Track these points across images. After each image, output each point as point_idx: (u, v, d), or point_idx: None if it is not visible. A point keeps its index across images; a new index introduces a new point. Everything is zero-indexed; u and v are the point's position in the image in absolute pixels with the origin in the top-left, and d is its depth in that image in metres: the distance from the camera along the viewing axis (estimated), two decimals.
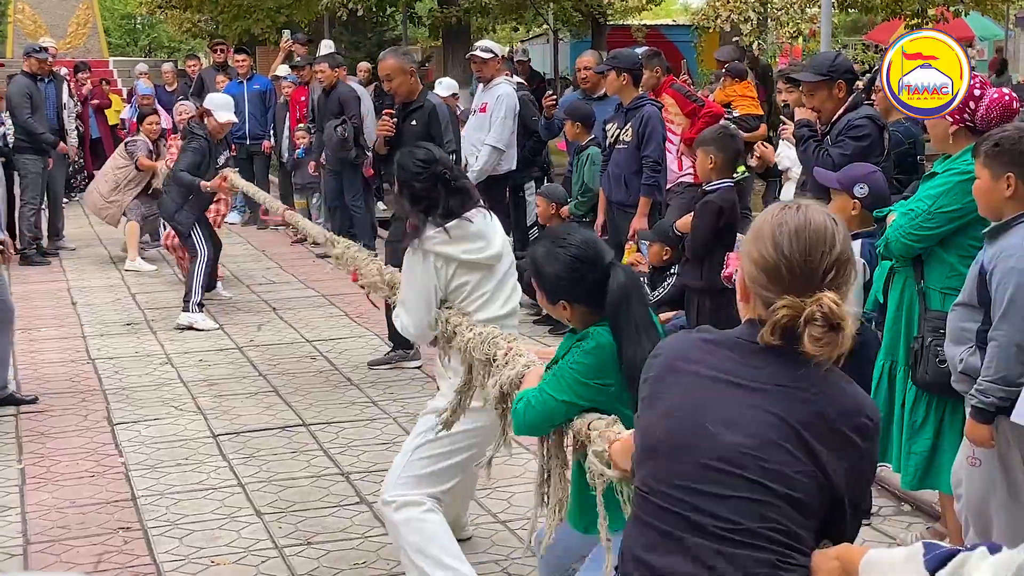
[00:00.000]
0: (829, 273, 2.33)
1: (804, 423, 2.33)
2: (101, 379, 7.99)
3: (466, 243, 4.46)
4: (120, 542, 5.34)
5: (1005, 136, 4.11)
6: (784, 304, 2.31)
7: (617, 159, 8.22)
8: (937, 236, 4.63)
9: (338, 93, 12.06)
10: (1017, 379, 4.10)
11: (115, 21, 40.90)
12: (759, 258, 2.38)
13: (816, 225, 2.35)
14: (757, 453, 2.31)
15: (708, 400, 2.38)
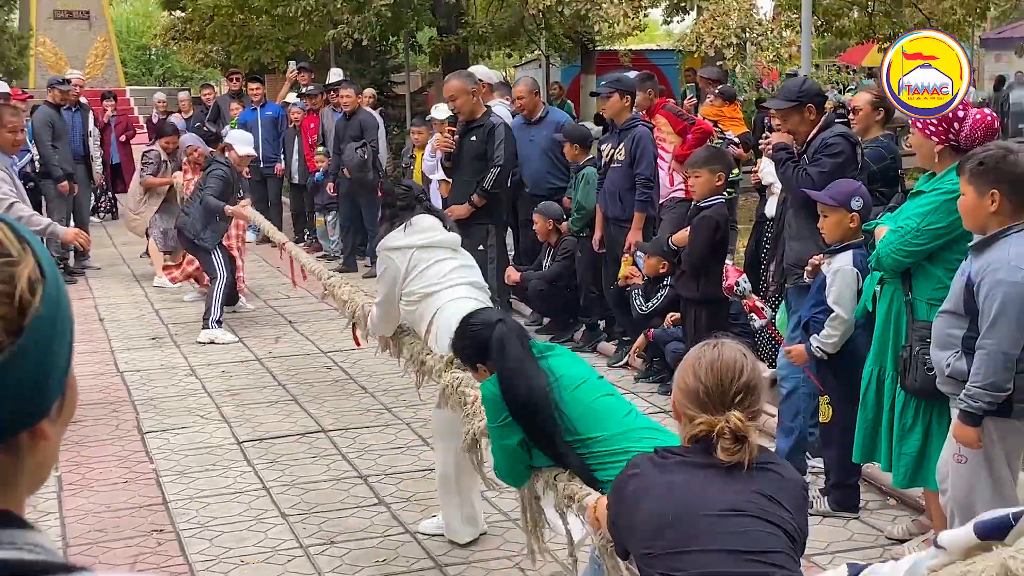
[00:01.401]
0: (738, 396, 2.70)
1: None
2: (130, 390, 8.00)
3: (422, 233, 5.09)
4: (154, 544, 5.35)
5: (989, 155, 4.13)
6: (701, 421, 2.70)
7: (612, 177, 8.26)
8: (926, 252, 4.66)
9: (359, 118, 12.22)
10: (1004, 385, 4.13)
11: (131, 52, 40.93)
12: (684, 386, 2.78)
13: (726, 359, 2.74)
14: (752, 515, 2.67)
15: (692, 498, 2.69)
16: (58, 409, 1.20)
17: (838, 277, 5.24)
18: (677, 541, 2.66)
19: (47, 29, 29.81)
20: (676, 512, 2.67)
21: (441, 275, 5.03)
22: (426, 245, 5.07)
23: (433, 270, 5.04)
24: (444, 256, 5.10)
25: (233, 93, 15.42)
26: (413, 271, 5.04)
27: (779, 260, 6.09)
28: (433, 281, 5.01)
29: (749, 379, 2.73)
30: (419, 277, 5.03)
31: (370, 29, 15.79)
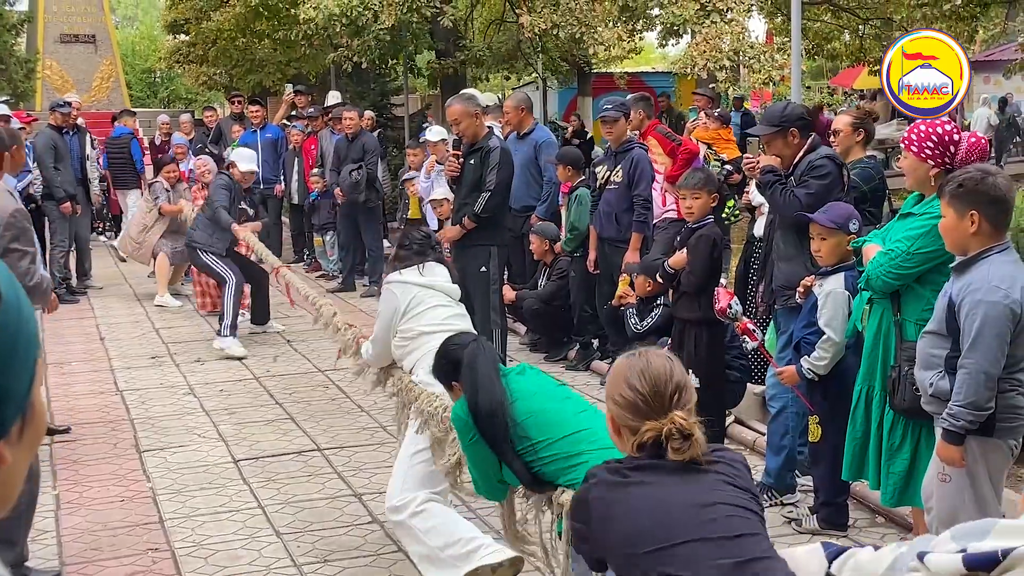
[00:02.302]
0: (674, 396, 2.73)
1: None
2: (129, 409, 7.97)
3: (427, 277, 5.24)
4: (149, 562, 5.32)
5: (968, 177, 4.13)
6: (647, 428, 2.70)
7: (608, 198, 8.25)
8: (915, 275, 4.65)
9: (362, 140, 12.25)
10: (985, 404, 4.12)
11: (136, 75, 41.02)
12: (620, 399, 2.77)
13: (655, 365, 2.77)
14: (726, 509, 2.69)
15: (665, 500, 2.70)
16: (18, 432, 1.16)
17: (830, 300, 5.23)
18: (661, 541, 2.65)
19: (53, 52, 29.83)
20: (652, 521, 2.67)
21: (438, 320, 5.13)
22: (428, 286, 5.21)
23: (431, 314, 5.16)
24: (444, 302, 5.23)
25: (235, 115, 15.45)
26: (413, 309, 5.15)
27: (768, 281, 6.08)
28: (429, 323, 5.12)
29: (680, 379, 2.77)
30: (417, 317, 5.15)
31: (370, 53, 15.82)
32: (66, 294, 12.30)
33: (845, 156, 6.47)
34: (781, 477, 5.94)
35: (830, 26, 19.06)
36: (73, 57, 30.32)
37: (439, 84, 19.15)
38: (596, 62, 23.87)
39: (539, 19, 13.34)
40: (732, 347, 6.69)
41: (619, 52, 13.89)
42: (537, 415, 3.87)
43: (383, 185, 12.79)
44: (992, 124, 26.20)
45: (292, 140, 14.18)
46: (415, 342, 5.13)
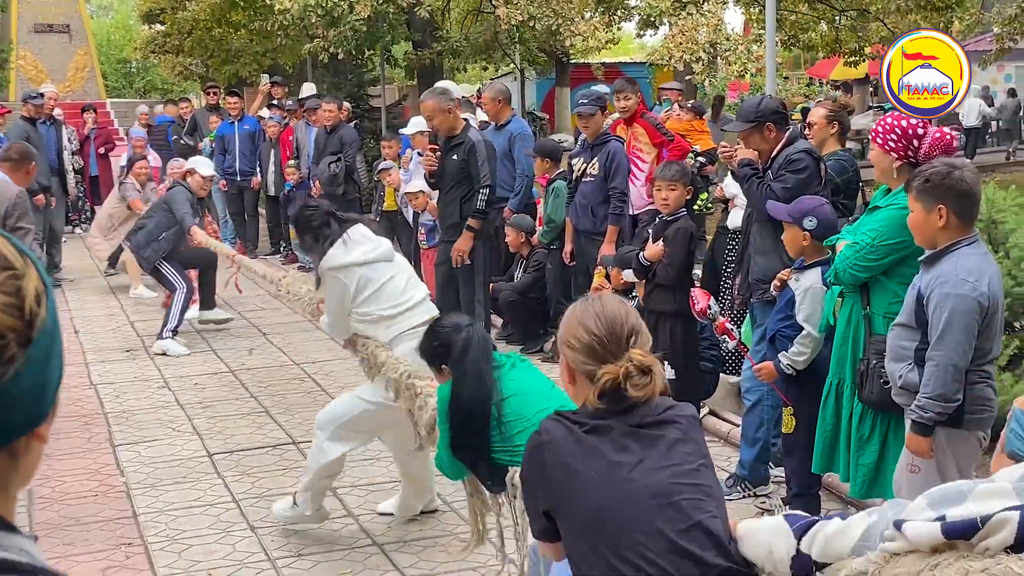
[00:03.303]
0: (631, 337, 2.70)
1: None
2: (103, 403, 7.94)
3: (361, 247, 5.20)
4: (123, 557, 5.31)
5: (934, 172, 4.15)
6: (605, 372, 2.64)
7: (584, 191, 8.26)
8: (881, 267, 4.67)
9: (340, 133, 12.22)
10: (954, 396, 4.16)
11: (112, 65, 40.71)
12: (576, 343, 2.73)
13: (610, 307, 2.75)
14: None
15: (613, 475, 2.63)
16: (53, 414, 1.25)
17: (808, 296, 5.25)
18: (617, 529, 2.59)
19: (27, 42, 29.57)
20: (610, 501, 2.60)
21: (396, 296, 5.21)
22: (370, 262, 5.20)
23: (388, 290, 5.21)
24: (392, 272, 5.26)
25: (210, 106, 15.38)
26: (363, 291, 5.19)
27: (744, 275, 6.11)
28: (389, 303, 5.19)
29: (635, 322, 2.74)
30: (371, 299, 5.20)
31: (346, 43, 15.77)
32: None
33: (820, 148, 6.50)
34: (755, 469, 5.97)
35: (806, 17, 19.09)
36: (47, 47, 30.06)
37: (416, 75, 19.11)
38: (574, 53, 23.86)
39: (515, 11, 13.33)
40: (703, 338, 6.72)
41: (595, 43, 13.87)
42: (526, 421, 3.80)
43: (361, 177, 12.77)
44: (983, 114, 26.39)
45: (269, 132, 14.14)
46: (377, 326, 5.19)
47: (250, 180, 14.27)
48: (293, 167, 13.18)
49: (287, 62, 20.80)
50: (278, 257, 14.22)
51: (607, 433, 2.66)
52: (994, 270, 4.26)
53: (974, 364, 4.20)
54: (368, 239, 5.30)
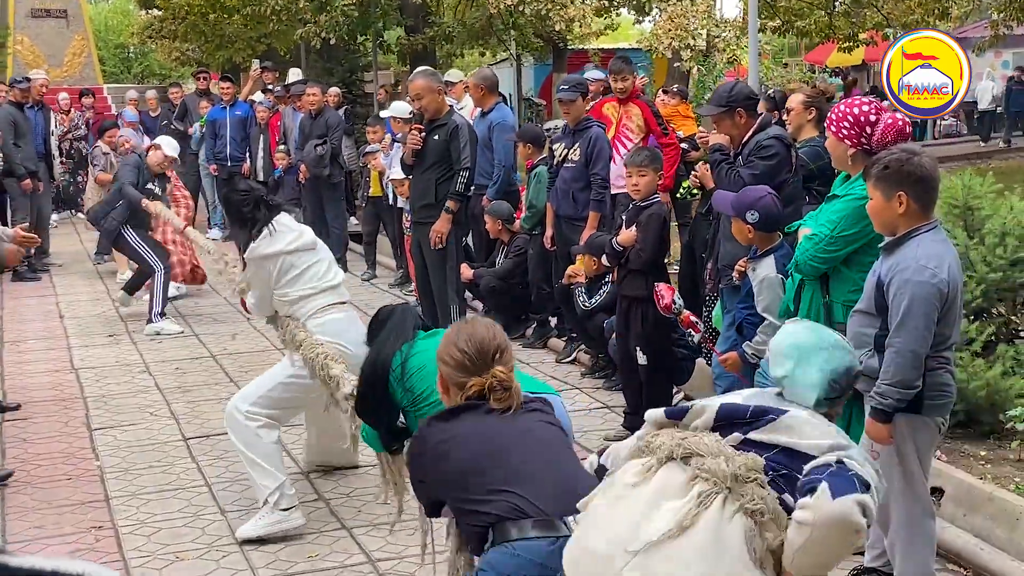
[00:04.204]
0: (496, 355, 3.28)
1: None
2: (83, 387, 7.97)
3: (285, 237, 5.49)
4: (92, 540, 5.34)
5: (893, 158, 4.15)
6: (473, 383, 3.25)
7: (565, 176, 8.24)
8: (840, 258, 4.67)
9: (325, 117, 12.25)
10: (913, 382, 4.15)
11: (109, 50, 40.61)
12: (450, 359, 3.32)
13: (479, 330, 3.34)
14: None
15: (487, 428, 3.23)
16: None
17: (765, 286, 5.26)
18: (491, 461, 3.14)
19: (24, 27, 29.54)
20: (481, 445, 3.17)
21: (315, 279, 5.55)
22: (295, 250, 5.52)
23: (307, 274, 5.54)
24: (314, 259, 5.59)
25: (201, 92, 15.38)
26: (285, 275, 5.52)
27: (715, 260, 6.12)
28: (308, 285, 5.53)
29: (501, 342, 3.33)
30: (291, 282, 5.52)
31: (338, 28, 15.76)
32: (28, 272, 12.27)
33: (797, 134, 6.50)
34: None
35: (801, 3, 19.04)
36: (45, 32, 30.03)
37: (409, 60, 19.09)
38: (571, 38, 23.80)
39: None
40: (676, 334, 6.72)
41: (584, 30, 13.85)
42: (427, 367, 3.96)
43: (347, 161, 12.78)
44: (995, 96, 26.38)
45: (259, 117, 14.14)
46: (295, 305, 5.52)
47: (240, 166, 14.27)
48: (283, 152, 13.18)
49: (281, 47, 20.75)
50: None
51: (477, 409, 3.24)
52: (953, 256, 4.25)
53: (933, 350, 4.20)
54: (292, 228, 5.59)
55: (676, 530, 2.66)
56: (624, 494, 2.81)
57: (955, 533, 4.97)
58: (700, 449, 2.77)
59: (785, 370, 3.05)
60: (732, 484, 2.69)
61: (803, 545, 2.64)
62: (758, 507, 2.68)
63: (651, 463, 2.82)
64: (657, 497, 2.75)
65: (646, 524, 2.70)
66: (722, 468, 2.70)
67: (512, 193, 9.62)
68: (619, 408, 7.03)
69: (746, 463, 2.73)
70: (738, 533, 2.66)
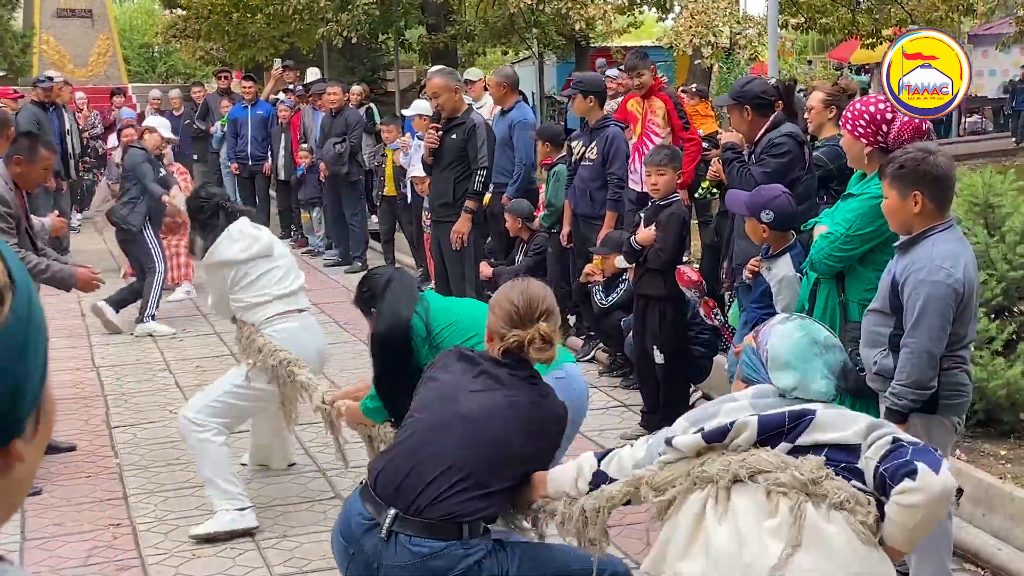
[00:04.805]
0: (542, 315, 3.46)
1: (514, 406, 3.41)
2: (103, 385, 8.02)
3: (239, 243, 5.53)
4: (110, 538, 5.37)
5: (909, 157, 4.13)
6: (513, 335, 3.43)
7: (582, 174, 8.25)
8: (855, 256, 4.65)
9: (345, 115, 12.30)
10: (928, 383, 4.13)
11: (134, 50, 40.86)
12: (499, 309, 3.50)
13: (533, 289, 3.53)
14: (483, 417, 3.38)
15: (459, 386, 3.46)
16: (33, 428, 1.09)
17: (784, 285, 5.24)
18: (417, 424, 3.45)
19: (50, 27, 29.74)
20: (436, 403, 3.46)
21: (269, 286, 5.58)
22: (249, 258, 5.57)
23: (261, 281, 5.58)
24: (268, 266, 5.61)
25: (222, 91, 15.45)
26: (241, 281, 5.57)
27: (730, 259, 6.10)
28: (260, 292, 5.57)
29: (550, 304, 3.50)
30: (247, 287, 5.58)
31: (359, 27, 15.80)
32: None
33: (818, 133, 6.46)
34: None
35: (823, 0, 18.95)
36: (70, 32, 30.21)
37: (430, 59, 19.13)
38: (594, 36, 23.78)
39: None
40: (695, 323, 6.71)
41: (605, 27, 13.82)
42: (459, 321, 4.19)
43: (366, 159, 12.82)
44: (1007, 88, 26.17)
45: (281, 116, 14.19)
46: (249, 312, 5.58)
47: (261, 165, 14.33)
48: (306, 151, 13.24)
49: (303, 46, 20.85)
50: (288, 241, 14.27)
51: (476, 365, 3.46)
52: (969, 255, 4.23)
53: (949, 350, 4.18)
54: (247, 236, 5.60)
55: (791, 549, 2.71)
56: (700, 527, 2.84)
57: (973, 533, 4.94)
58: (764, 466, 2.79)
59: (793, 380, 3.05)
60: (809, 488, 2.75)
61: (917, 524, 2.73)
62: (843, 498, 2.74)
63: (713, 491, 2.83)
64: (747, 522, 2.78)
65: (755, 552, 2.73)
66: (796, 477, 2.75)
67: (532, 191, 9.62)
68: (636, 407, 7.02)
69: (811, 467, 2.77)
70: (841, 526, 2.74)
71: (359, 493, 3.46)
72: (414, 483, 3.31)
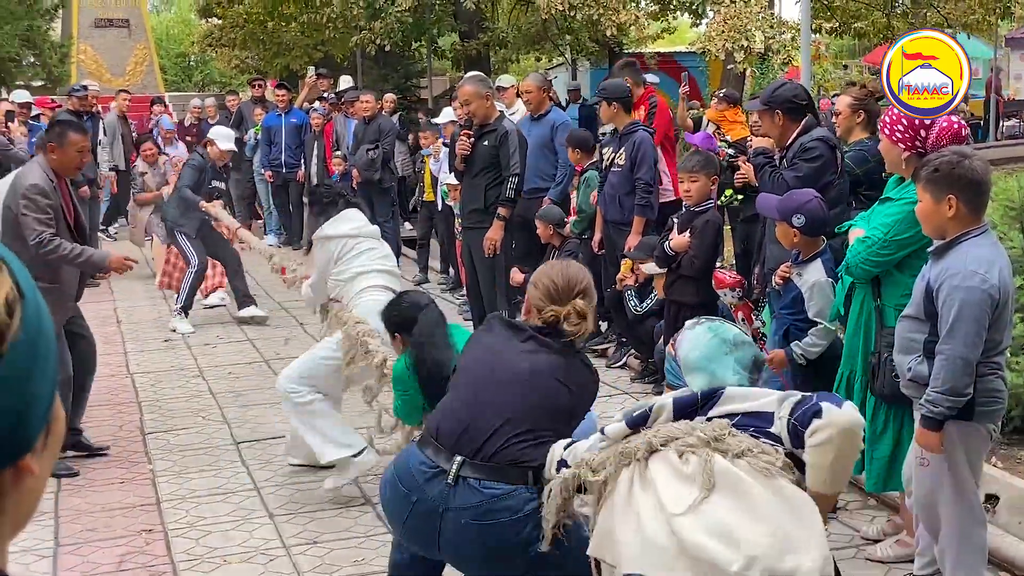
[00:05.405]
0: (579, 294, 3.70)
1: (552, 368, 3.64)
2: (137, 392, 8.07)
3: (351, 223, 6.06)
4: (142, 543, 5.39)
5: (943, 161, 4.08)
6: (550, 309, 3.67)
7: (612, 180, 8.22)
8: (893, 262, 4.60)
9: (378, 122, 12.35)
10: (964, 390, 4.07)
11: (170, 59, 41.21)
12: (540, 285, 3.74)
13: (573, 268, 3.79)
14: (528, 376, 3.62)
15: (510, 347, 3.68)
16: (43, 442, 1.08)
17: (815, 291, 5.18)
18: (465, 381, 3.70)
19: (88, 37, 30.06)
20: (480, 359, 3.72)
21: (371, 262, 6.01)
22: (355, 235, 6.04)
23: (363, 257, 6.01)
24: (371, 245, 6.08)
25: (256, 99, 15.55)
26: (345, 255, 5.98)
27: (762, 264, 6.06)
28: (361, 265, 5.98)
29: (587, 284, 3.75)
30: (349, 260, 5.98)
31: (392, 35, 15.84)
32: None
33: (847, 137, 6.40)
34: None
35: (858, 4, 18.82)
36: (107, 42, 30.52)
37: (463, 66, 19.16)
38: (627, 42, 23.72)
39: (556, 0, 13.29)
40: None
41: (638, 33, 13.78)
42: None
43: (398, 166, 12.85)
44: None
45: (314, 123, 14.27)
46: (351, 283, 5.93)
47: (295, 172, 14.40)
48: (339, 158, 13.30)
49: (337, 54, 20.94)
50: None
51: (522, 331, 3.69)
52: (1004, 260, 4.17)
53: (984, 356, 4.12)
54: (357, 219, 6.13)
55: (705, 492, 2.92)
56: (631, 498, 3.05)
57: (1010, 541, 4.86)
58: (675, 433, 3.05)
59: (704, 381, 3.23)
60: (715, 445, 2.99)
61: (833, 460, 2.93)
62: (744, 447, 2.97)
63: (636, 466, 3.07)
64: (666, 480, 3.00)
65: (674, 501, 2.95)
66: (700, 437, 3.00)
67: (564, 198, 9.61)
68: None
69: (714, 426, 3.02)
70: (745, 468, 2.94)
71: (417, 446, 3.66)
72: (478, 432, 3.53)
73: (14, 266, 1.06)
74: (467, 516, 3.46)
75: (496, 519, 3.44)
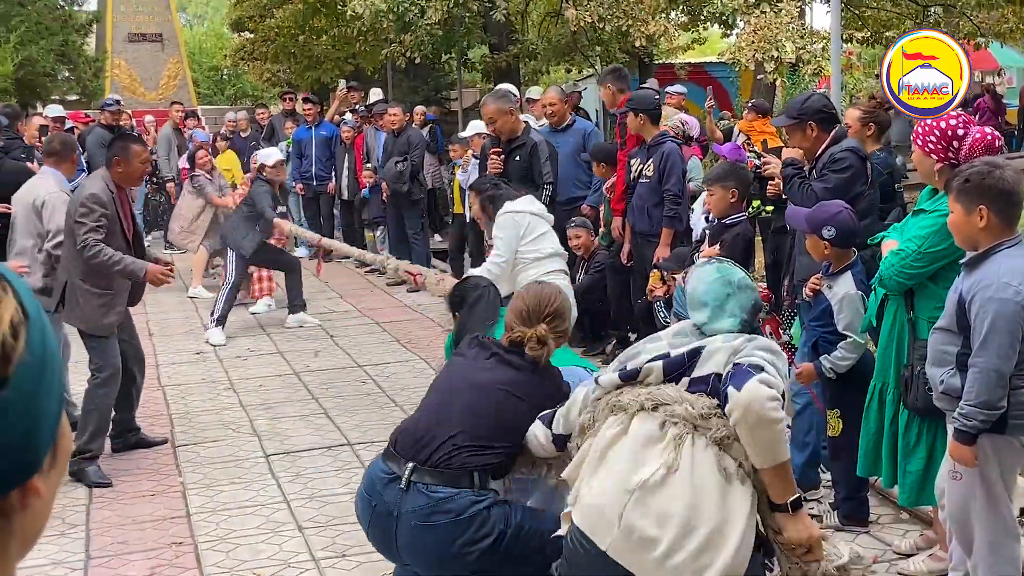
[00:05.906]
0: (547, 317, 3.98)
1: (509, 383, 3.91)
2: (168, 404, 8.10)
3: (533, 204, 6.47)
4: (172, 556, 5.40)
5: (974, 171, 4.04)
6: (517, 329, 3.96)
7: (640, 192, 8.19)
8: (927, 274, 4.56)
9: (407, 135, 12.40)
10: (998, 403, 4.02)
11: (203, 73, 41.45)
12: (514, 308, 4.04)
13: (545, 291, 4.10)
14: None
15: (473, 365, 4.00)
16: (51, 462, 1.08)
17: (845, 304, 5.13)
18: (430, 396, 4.03)
19: (122, 51, 30.32)
20: (447, 377, 4.06)
21: (549, 246, 6.40)
22: (539, 214, 6.42)
23: (545, 241, 6.39)
24: (546, 229, 6.47)
25: (287, 112, 15.63)
26: (531, 234, 6.33)
27: (791, 276, 6.01)
28: (543, 249, 6.35)
29: (558, 307, 4.02)
30: (535, 241, 6.34)
31: (422, 48, 15.89)
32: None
33: None
34: (805, 474, 5.85)
35: (890, 14, 18.70)
36: (141, 56, 30.78)
37: (493, 78, 19.18)
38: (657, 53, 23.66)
39: (585, 12, 13.29)
40: None
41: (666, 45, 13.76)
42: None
43: (428, 178, 12.87)
44: None
45: (344, 136, 14.31)
46: (533, 265, 6.26)
47: (326, 185, 14.45)
48: (369, 170, 13.34)
49: (368, 67, 21.02)
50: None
51: (487, 349, 3.99)
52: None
53: (1018, 368, 4.07)
54: (527, 199, 6.48)
55: (664, 471, 3.14)
56: (609, 449, 3.30)
57: None
58: (665, 398, 3.23)
59: (704, 317, 3.45)
60: (698, 422, 3.16)
61: (750, 438, 3.10)
62: (722, 434, 3.14)
63: (623, 418, 3.30)
64: (638, 445, 3.23)
65: (637, 470, 3.18)
66: (688, 411, 3.17)
67: None
68: None
69: (704, 403, 3.18)
70: (710, 461, 3.14)
71: (380, 456, 3.95)
72: (432, 440, 3.80)
73: (18, 287, 1.05)
74: (415, 519, 3.72)
75: (439, 521, 3.69)
